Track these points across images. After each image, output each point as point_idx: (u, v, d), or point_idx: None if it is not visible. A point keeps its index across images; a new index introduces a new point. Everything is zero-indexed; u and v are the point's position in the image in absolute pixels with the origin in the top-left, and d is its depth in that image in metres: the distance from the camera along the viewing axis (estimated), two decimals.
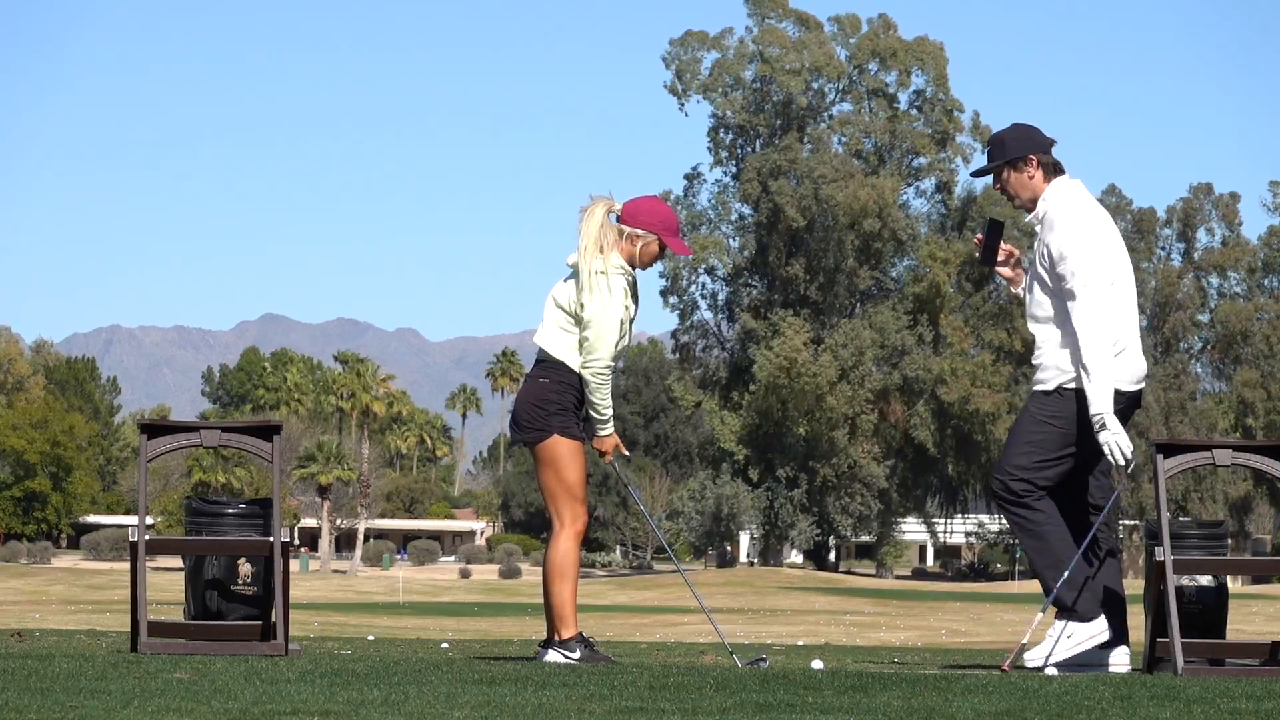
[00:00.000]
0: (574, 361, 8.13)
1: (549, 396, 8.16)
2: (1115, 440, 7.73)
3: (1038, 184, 8.05)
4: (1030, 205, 8.07)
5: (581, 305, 8.06)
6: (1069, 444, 7.91)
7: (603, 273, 8.06)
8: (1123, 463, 7.75)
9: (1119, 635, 8.12)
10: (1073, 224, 7.90)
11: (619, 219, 8.22)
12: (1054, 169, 8.08)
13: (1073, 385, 7.88)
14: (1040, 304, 8.00)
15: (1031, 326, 8.06)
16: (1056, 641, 7.92)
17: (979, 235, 8.35)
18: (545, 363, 8.22)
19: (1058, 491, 8.02)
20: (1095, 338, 7.78)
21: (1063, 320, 7.92)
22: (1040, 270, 7.98)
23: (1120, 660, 8.06)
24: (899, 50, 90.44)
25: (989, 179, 8.29)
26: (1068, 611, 7.90)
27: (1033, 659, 7.98)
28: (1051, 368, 7.94)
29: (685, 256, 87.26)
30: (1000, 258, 8.30)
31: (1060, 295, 7.89)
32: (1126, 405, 7.94)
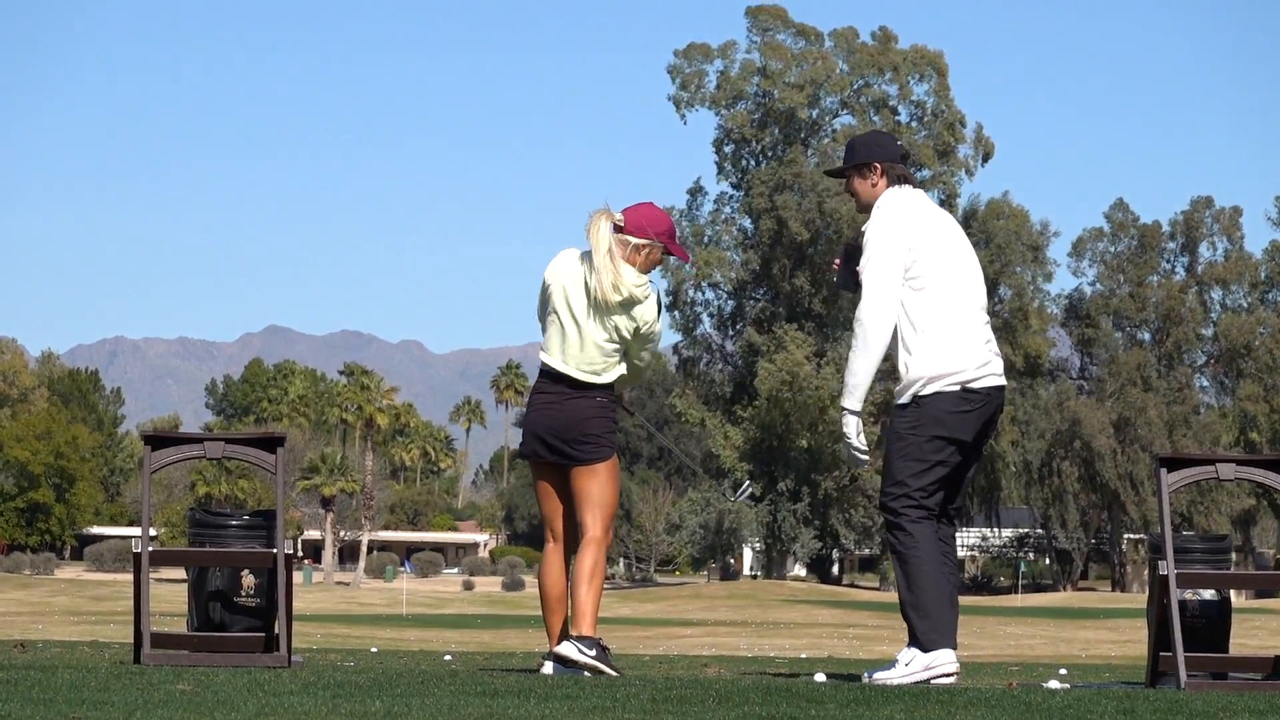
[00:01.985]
0: (616, 379, 8.29)
1: (609, 415, 8.25)
2: (846, 436, 7.94)
3: (878, 191, 8.09)
4: (868, 211, 8.12)
5: (638, 330, 8.17)
6: (938, 447, 7.89)
7: (647, 297, 8.17)
8: (855, 460, 7.94)
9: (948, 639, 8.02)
10: (879, 223, 7.95)
11: (620, 229, 8.25)
12: (900, 179, 8.10)
13: (926, 391, 7.88)
14: None
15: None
16: (896, 666, 7.89)
17: (837, 260, 8.29)
18: (589, 385, 8.23)
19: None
20: (867, 334, 7.85)
21: (908, 330, 7.92)
22: None
23: (943, 660, 7.90)
24: (899, 62, 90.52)
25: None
26: (914, 640, 7.87)
27: (879, 677, 7.92)
28: (905, 380, 7.95)
29: (688, 266, 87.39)
30: (860, 280, 8.31)
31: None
32: (984, 403, 7.94)
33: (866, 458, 7.93)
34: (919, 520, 7.87)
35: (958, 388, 7.88)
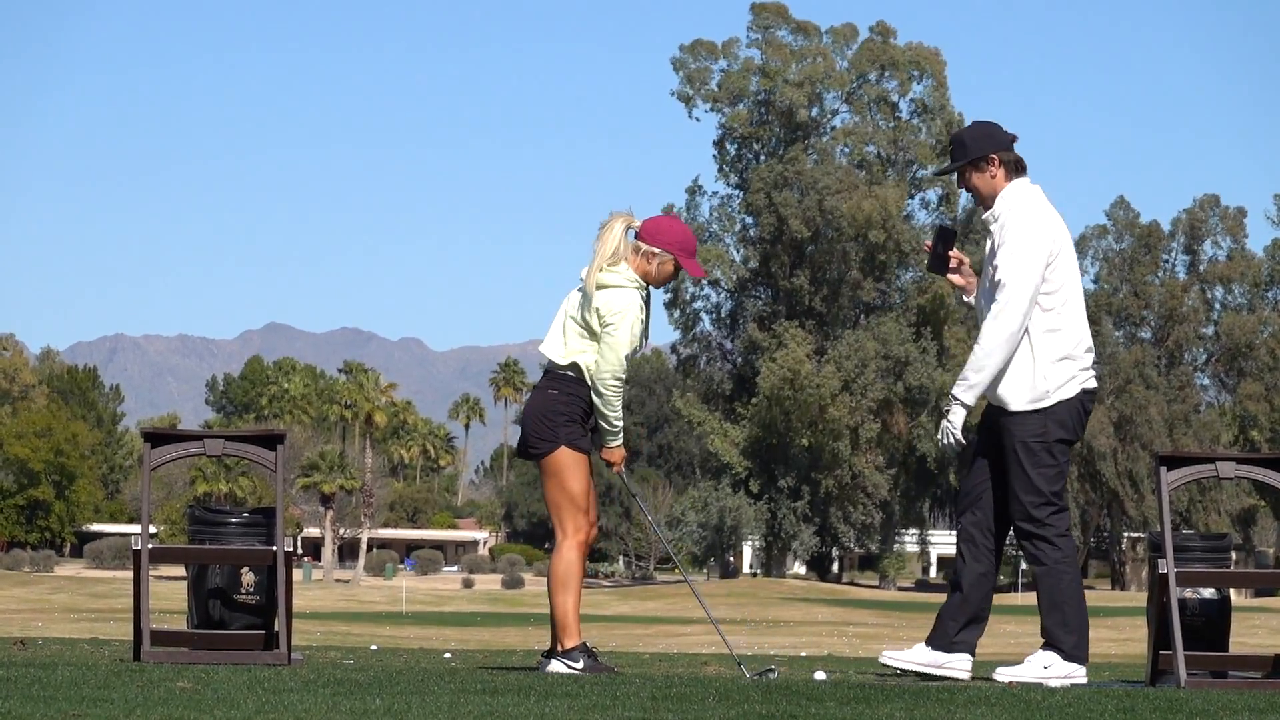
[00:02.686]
0: (582, 371, 8.14)
1: (557, 408, 8.15)
2: (950, 423, 7.95)
3: (999, 182, 8.05)
4: (991, 204, 8.08)
5: (599, 316, 8.09)
6: (1063, 450, 7.95)
7: (617, 286, 8.11)
8: (951, 447, 7.96)
9: (969, 648, 8.09)
10: (1021, 223, 7.92)
11: (637, 235, 8.27)
12: (1016, 167, 8.08)
13: (1053, 399, 7.90)
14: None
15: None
16: (1030, 665, 7.91)
17: (928, 242, 8.39)
18: (552, 373, 8.23)
19: (983, 507, 8.05)
20: (1000, 337, 7.83)
21: (1039, 336, 7.93)
22: (991, 271, 8.00)
23: (961, 666, 8.01)
24: (897, 58, 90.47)
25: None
26: (1056, 647, 7.91)
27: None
28: (1021, 385, 7.94)
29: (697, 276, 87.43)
30: (951, 264, 8.31)
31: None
32: (1092, 403, 8.02)
33: (961, 444, 7.97)
34: (1066, 532, 7.92)
35: (1080, 391, 7.96)
